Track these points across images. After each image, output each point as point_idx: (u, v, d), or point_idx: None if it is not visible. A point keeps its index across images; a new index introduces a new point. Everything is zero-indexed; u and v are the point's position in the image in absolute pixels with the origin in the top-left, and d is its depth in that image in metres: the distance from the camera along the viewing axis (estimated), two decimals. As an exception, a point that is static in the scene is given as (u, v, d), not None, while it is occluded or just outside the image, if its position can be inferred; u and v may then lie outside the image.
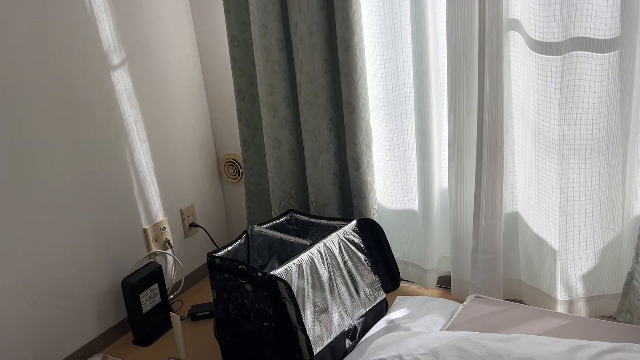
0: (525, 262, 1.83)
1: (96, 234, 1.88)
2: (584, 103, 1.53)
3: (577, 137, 1.57)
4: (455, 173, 1.81)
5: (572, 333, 1.45)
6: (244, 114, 2.07)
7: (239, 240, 1.76)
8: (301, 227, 1.91)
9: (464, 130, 1.75)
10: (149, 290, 1.93)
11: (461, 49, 1.66)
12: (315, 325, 1.50)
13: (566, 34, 1.49)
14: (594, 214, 1.63)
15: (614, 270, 1.69)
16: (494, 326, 1.52)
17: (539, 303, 1.81)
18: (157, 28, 2.03)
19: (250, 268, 1.54)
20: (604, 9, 1.42)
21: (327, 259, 1.60)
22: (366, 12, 1.79)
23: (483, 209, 1.77)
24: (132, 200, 2.00)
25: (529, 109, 1.64)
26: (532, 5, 1.51)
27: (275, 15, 1.84)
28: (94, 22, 1.80)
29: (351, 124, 1.85)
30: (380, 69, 1.84)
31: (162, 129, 2.09)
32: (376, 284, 1.74)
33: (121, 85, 1.91)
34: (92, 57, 1.80)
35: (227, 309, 1.64)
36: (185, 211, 2.23)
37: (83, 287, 1.85)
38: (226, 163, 2.36)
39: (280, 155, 2.00)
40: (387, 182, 1.98)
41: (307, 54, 1.82)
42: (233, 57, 2.00)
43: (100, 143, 1.86)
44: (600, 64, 1.48)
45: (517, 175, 1.76)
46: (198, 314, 2.04)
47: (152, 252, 2.09)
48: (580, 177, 1.60)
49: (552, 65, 1.53)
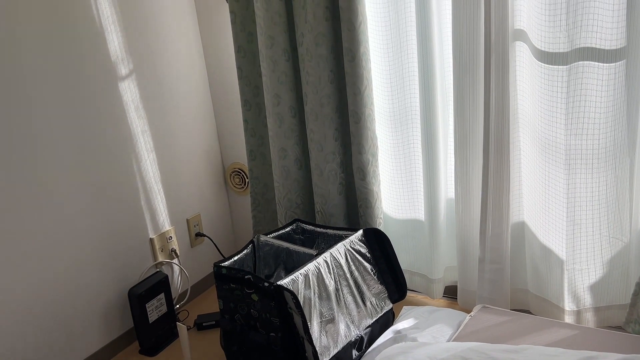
0: (533, 272, 1.82)
1: (103, 243, 1.88)
2: (591, 113, 1.53)
3: (584, 147, 1.56)
4: (461, 182, 1.81)
5: (581, 344, 1.44)
6: (250, 123, 2.08)
7: (245, 250, 1.77)
8: (307, 236, 1.91)
9: (470, 140, 1.75)
10: (155, 300, 1.94)
11: (467, 59, 1.67)
12: (322, 335, 1.49)
13: (572, 44, 1.49)
14: (602, 223, 1.62)
15: (622, 281, 1.68)
16: (501, 337, 1.52)
17: (546, 313, 1.80)
18: (165, 39, 2.05)
19: (256, 278, 1.54)
20: (610, 19, 1.42)
21: (334, 268, 1.60)
22: (372, 22, 1.80)
23: (490, 219, 1.76)
24: (139, 210, 2.01)
25: (535, 119, 1.64)
26: (538, 15, 1.51)
27: (281, 26, 1.86)
28: (102, 34, 1.82)
29: (357, 134, 1.85)
30: (386, 79, 1.84)
31: (168, 139, 2.10)
32: (383, 294, 1.73)
33: (128, 95, 1.93)
34: (99, 68, 1.82)
35: (234, 319, 1.64)
36: (191, 221, 2.24)
37: (89, 297, 1.85)
38: (232, 172, 2.37)
39: (286, 164, 2.00)
40: (393, 191, 1.98)
41: (313, 64, 1.83)
42: (239, 68, 2.01)
43: (107, 153, 1.87)
44: (607, 73, 1.48)
45: (524, 185, 1.76)
46: (204, 323, 2.04)
47: (158, 261, 2.09)
48: (587, 187, 1.60)
49: (558, 75, 1.53)
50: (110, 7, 1.84)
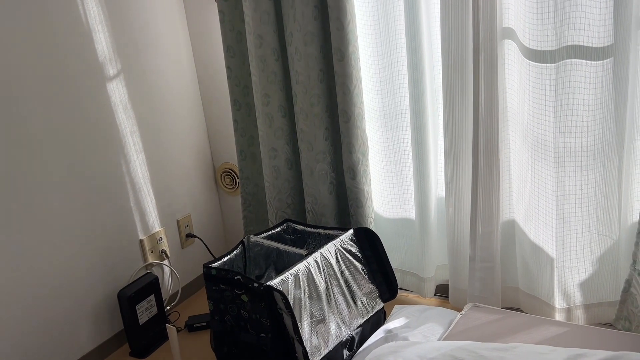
0: (523, 270, 1.82)
1: (92, 245, 1.87)
2: (579, 110, 1.53)
3: (573, 145, 1.57)
4: (451, 181, 1.81)
5: (571, 341, 1.44)
6: (240, 123, 2.08)
7: (236, 251, 1.76)
8: (298, 236, 1.91)
9: (460, 138, 1.76)
10: (146, 301, 1.92)
11: (456, 57, 1.67)
12: (313, 335, 1.49)
13: (560, 42, 1.49)
14: (591, 221, 1.62)
15: (612, 278, 1.69)
16: (492, 335, 1.52)
17: (537, 311, 1.80)
18: (153, 39, 2.04)
19: (246, 279, 1.53)
20: (597, 17, 1.43)
21: (324, 268, 1.59)
22: (361, 22, 1.79)
23: (480, 217, 1.76)
24: (128, 211, 1.99)
25: (524, 117, 1.64)
26: (526, 13, 1.51)
27: (270, 26, 1.85)
28: (90, 34, 1.80)
29: (347, 133, 1.85)
30: (375, 78, 1.84)
31: (158, 140, 2.09)
32: (373, 294, 1.73)
33: (117, 96, 1.91)
34: (87, 68, 1.81)
35: (224, 320, 1.63)
36: (181, 221, 2.22)
37: (79, 298, 1.84)
38: (222, 173, 2.36)
39: (277, 164, 2.00)
40: (384, 190, 1.98)
41: (302, 63, 1.82)
42: (229, 67, 2.00)
43: (96, 154, 1.86)
44: (594, 71, 1.48)
45: (514, 183, 1.76)
46: (195, 325, 2.03)
47: (148, 263, 2.08)
48: (577, 185, 1.60)
49: (547, 73, 1.54)
50: (98, 7, 1.82)
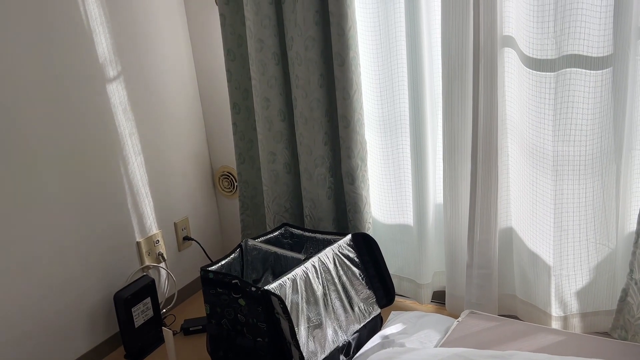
0: (520, 277, 1.82)
1: (89, 247, 1.86)
2: (578, 119, 1.54)
3: (571, 154, 1.57)
4: (449, 188, 1.81)
5: (567, 350, 1.44)
6: (239, 127, 2.08)
7: (233, 254, 1.75)
8: (296, 241, 1.90)
9: (459, 146, 1.76)
10: (142, 304, 1.92)
11: (456, 65, 1.67)
12: (309, 340, 1.49)
13: (560, 51, 1.50)
14: (588, 230, 1.63)
15: (609, 287, 1.69)
16: (488, 342, 1.51)
17: (533, 319, 1.80)
18: (154, 41, 2.04)
19: (243, 283, 1.53)
20: (597, 26, 1.44)
21: (322, 273, 1.59)
22: (361, 27, 1.80)
23: (478, 224, 1.76)
24: (126, 213, 1.99)
25: (523, 125, 1.65)
26: (526, 22, 1.52)
27: (271, 30, 1.85)
28: (90, 35, 1.80)
29: (346, 138, 1.85)
30: (375, 84, 1.85)
31: (157, 142, 2.09)
32: (371, 299, 1.73)
33: (116, 98, 1.91)
34: (87, 69, 1.80)
35: (220, 323, 1.63)
36: (179, 224, 2.22)
37: (74, 300, 1.83)
38: (221, 176, 2.36)
39: (275, 168, 2.00)
40: (382, 196, 1.98)
41: (302, 68, 1.83)
42: (229, 71, 2.01)
43: (94, 156, 1.85)
44: (594, 81, 1.49)
45: (512, 191, 1.77)
46: (191, 328, 2.02)
47: (145, 265, 2.07)
48: (575, 193, 1.60)
49: (546, 82, 1.54)
50: (99, 9, 1.82)
